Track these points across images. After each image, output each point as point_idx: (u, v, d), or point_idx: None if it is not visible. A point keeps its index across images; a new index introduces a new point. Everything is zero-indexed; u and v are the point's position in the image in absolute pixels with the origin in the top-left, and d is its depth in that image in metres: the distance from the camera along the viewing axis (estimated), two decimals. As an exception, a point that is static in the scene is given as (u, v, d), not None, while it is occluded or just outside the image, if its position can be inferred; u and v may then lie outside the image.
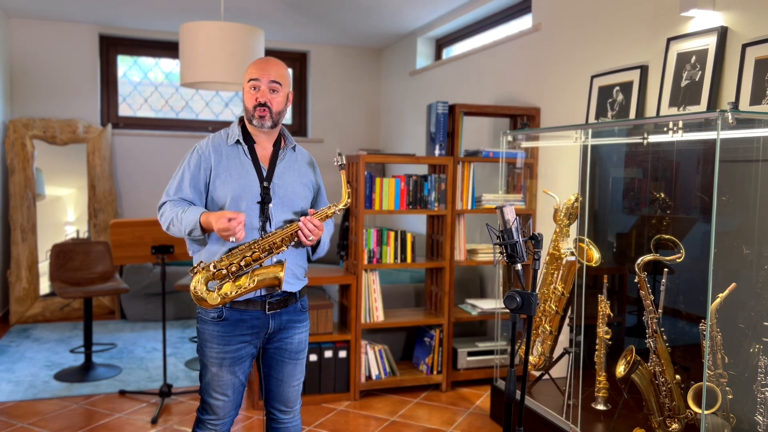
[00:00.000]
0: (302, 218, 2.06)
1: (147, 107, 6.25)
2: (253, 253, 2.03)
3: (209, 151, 2.13)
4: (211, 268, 2.01)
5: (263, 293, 2.11)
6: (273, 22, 5.61)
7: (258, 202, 2.10)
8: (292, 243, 2.09)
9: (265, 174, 2.13)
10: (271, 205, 2.11)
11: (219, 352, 2.11)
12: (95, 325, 5.28)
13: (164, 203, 2.16)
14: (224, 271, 2.01)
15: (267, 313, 2.13)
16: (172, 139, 6.14)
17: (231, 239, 1.98)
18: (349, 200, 2.16)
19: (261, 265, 2.05)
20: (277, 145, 2.20)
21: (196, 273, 2.03)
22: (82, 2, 5.11)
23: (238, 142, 2.15)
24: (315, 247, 2.23)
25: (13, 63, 5.67)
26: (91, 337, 4.21)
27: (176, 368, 4.27)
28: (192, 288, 2.01)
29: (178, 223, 2.08)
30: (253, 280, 2.02)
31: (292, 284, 2.17)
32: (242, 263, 2.02)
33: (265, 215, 2.10)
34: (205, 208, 2.15)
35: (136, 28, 5.99)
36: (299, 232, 2.06)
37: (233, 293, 2.02)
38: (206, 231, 2.06)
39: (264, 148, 2.18)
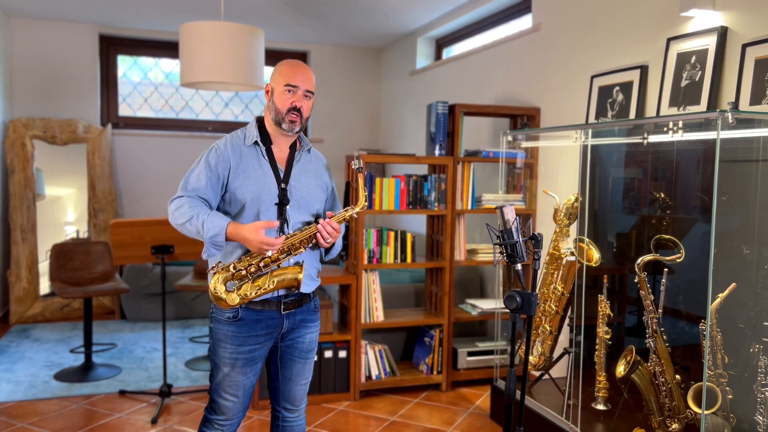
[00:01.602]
0: (321, 221, 2.08)
1: (147, 107, 6.25)
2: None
3: (228, 152, 2.11)
4: (231, 268, 2.03)
5: (280, 293, 2.13)
6: (273, 22, 5.61)
7: (276, 204, 2.10)
8: (310, 245, 2.11)
9: (282, 176, 2.14)
10: (288, 206, 2.12)
11: (232, 353, 2.12)
12: (95, 325, 5.28)
13: (180, 197, 2.10)
14: (243, 272, 2.03)
15: (282, 313, 2.14)
16: (172, 139, 6.15)
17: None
18: (366, 203, 2.18)
19: (279, 266, 2.07)
20: (292, 147, 2.21)
21: (215, 273, 2.04)
22: (82, 2, 5.11)
23: (256, 143, 2.15)
24: (329, 249, 2.24)
25: (13, 63, 5.67)
26: (91, 337, 4.21)
27: (176, 368, 4.27)
28: (211, 288, 2.02)
29: (196, 223, 2.02)
30: (273, 281, 2.04)
31: (308, 285, 2.19)
32: (261, 264, 2.03)
33: (283, 217, 2.11)
34: (218, 207, 2.14)
35: (136, 28, 5.99)
36: (318, 234, 2.08)
37: (252, 293, 2.03)
38: (229, 240, 2.03)
39: (281, 150, 2.18)
